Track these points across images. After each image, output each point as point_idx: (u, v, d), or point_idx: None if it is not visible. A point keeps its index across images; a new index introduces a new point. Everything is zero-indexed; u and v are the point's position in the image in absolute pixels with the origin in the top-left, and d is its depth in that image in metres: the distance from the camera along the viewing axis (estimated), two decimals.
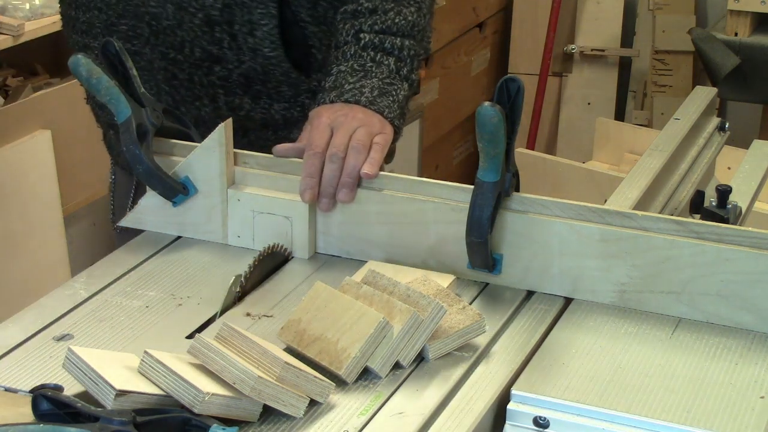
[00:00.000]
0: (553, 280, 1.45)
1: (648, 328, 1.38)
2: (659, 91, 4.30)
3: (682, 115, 2.00)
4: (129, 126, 1.52)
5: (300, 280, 1.49)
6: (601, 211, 1.42)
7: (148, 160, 1.53)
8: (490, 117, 1.33)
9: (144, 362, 1.18)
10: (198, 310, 1.41)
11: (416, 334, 1.27)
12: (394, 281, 1.32)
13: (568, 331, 1.37)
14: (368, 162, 1.51)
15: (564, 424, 1.21)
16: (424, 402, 1.22)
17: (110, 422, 1.09)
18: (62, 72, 3.63)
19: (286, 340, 1.29)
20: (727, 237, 1.37)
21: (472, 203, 1.41)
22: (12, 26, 3.12)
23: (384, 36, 1.63)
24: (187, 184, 1.56)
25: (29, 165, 3.10)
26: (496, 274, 1.47)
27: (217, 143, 1.54)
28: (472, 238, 1.42)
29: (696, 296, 1.39)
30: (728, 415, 1.20)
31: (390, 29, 1.64)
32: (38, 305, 1.41)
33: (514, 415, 1.23)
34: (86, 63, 1.51)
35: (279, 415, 1.18)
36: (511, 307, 1.43)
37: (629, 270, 1.41)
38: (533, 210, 1.44)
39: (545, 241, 1.43)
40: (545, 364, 1.29)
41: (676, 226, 1.39)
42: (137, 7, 1.69)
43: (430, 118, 3.92)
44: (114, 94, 1.52)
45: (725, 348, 1.34)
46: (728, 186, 1.81)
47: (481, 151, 1.38)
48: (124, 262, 1.53)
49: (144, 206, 1.60)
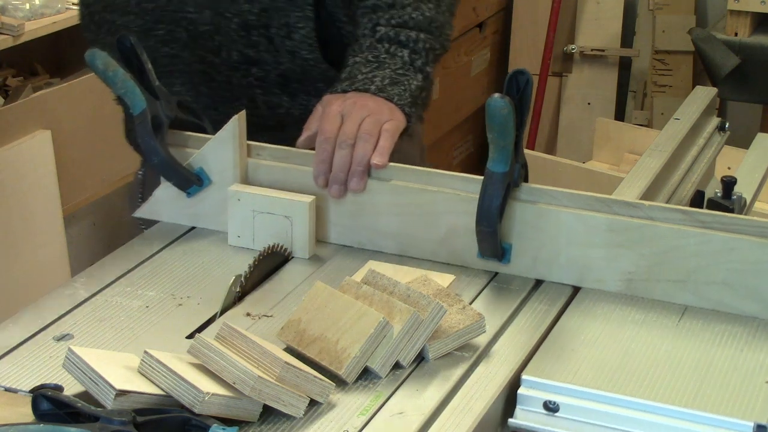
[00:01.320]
0: (562, 269, 1.47)
1: (655, 315, 1.40)
2: (659, 91, 4.30)
3: (682, 115, 2.00)
4: (144, 118, 1.54)
5: (300, 280, 1.49)
6: (609, 201, 1.44)
7: (163, 151, 1.55)
8: (500, 108, 1.35)
9: (144, 362, 1.18)
10: (198, 310, 1.41)
11: (416, 334, 1.27)
12: (394, 281, 1.32)
13: (576, 319, 1.39)
14: (378, 152, 1.52)
15: (573, 408, 1.24)
16: (424, 402, 1.22)
17: (110, 422, 1.09)
18: (62, 72, 3.64)
19: (286, 340, 1.29)
20: (732, 226, 1.40)
21: (481, 193, 1.44)
22: (12, 26, 3.12)
23: (400, 29, 1.64)
24: (201, 176, 1.59)
25: (29, 165, 3.10)
26: (505, 263, 1.49)
27: (231, 135, 1.57)
28: (481, 227, 1.45)
29: (702, 284, 1.41)
30: (734, 400, 1.22)
31: (407, 23, 1.65)
32: (38, 305, 1.41)
33: (525, 400, 1.25)
34: (102, 56, 1.53)
35: (279, 415, 1.18)
36: (520, 295, 1.46)
37: (636, 259, 1.43)
38: (542, 200, 1.47)
39: (554, 230, 1.46)
40: (555, 350, 1.31)
41: (682, 215, 1.42)
42: (174, 13, 1.70)
43: (430, 119, 3.90)
44: (129, 87, 1.54)
45: (731, 335, 1.36)
46: (733, 177, 1.82)
47: (491, 142, 1.40)
48: (124, 262, 1.53)
49: (158, 197, 1.63)
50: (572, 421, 1.24)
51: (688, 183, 1.87)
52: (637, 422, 1.21)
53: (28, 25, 3.18)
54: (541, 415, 1.25)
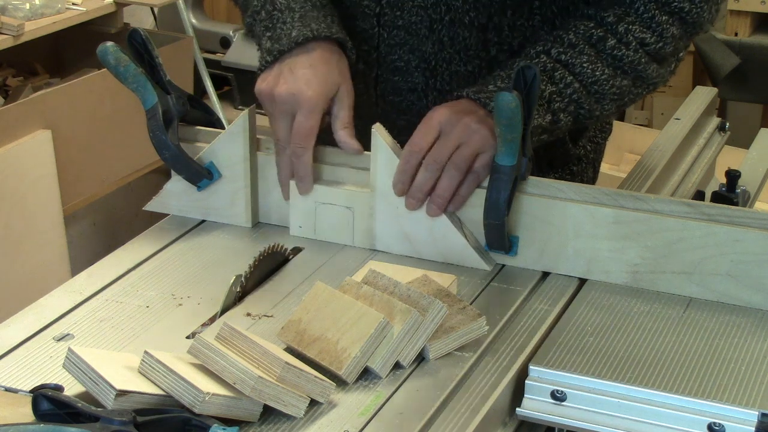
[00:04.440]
0: (568, 261, 1.49)
1: (660, 307, 1.42)
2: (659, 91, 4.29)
3: (683, 115, 2.01)
4: (155, 113, 1.56)
5: (300, 280, 1.49)
6: (615, 194, 1.46)
7: (174, 145, 1.56)
8: (507, 102, 1.37)
9: (144, 362, 1.18)
10: (198, 310, 1.41)
11: (416, 334, 1.27)
12: (395, 281, 1.32)
13: (583, 310, 1.41)
14: (455, 201, 1.50)
15: (580, 398, 1.25)
16: (424, 402, 1.22)
17: (110, 422, 1.09)
18: (62, 72, 3.64)
19: (287, 340, 1.29)
20: (737, 219, 1.41)
21: (489, 186, 1.45)
22: (12, 26, 3.12)
23: (560, 66, 1.54)
24: (212, 170, 1.60)
25: (29, 165, 3.10)
26: (512, 256, 1.51)
27: (241, 129, 1.58)
28: (489, 220, 1.47)
29: (707, 276, 1.43)
30: (739, 389, 1.24)
31: (571, 66, 1.54)
32: (38, 305, 1.41)
33: (532, 389, 1.27)
34: (114, 51, 1.54)
35: (279, 415, 1.18)
36: (528, 287, 1.47)
37: (642, 251, 1.45)
38: (549, 193, 1.48)
39: (560, 223, 1.47)
40: (561, 340, 1.33)
41: (688, 208, 1.43)
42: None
43: None
44: (141, 81, 1.55)
45: (735, 326, 1.38)
46: (737, 171, 1.82)
47: (499, 136, 1.41)
48: (124, 262, 1.53)
49: (169, 191, 1.64)
50: (579, 410, 1.25)
51: (688, 183, 1.88)
52: (643, 411, 1.23)
53: (28, 25, 3.18)
54: (548, 404, 1.26)
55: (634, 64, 1.56)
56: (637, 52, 1.56)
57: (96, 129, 3.28)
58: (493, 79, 1.56)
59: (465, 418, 1.20)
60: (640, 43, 1.56)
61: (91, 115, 3.25)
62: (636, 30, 1.55)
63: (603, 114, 1.59)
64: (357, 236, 1.57)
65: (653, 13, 1.55)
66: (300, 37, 1.57)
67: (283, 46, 1.57)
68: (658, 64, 1.59)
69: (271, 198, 1.62)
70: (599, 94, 1.56)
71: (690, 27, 1.58)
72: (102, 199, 3.50)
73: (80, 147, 3.28)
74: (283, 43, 1.57)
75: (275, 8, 1.63)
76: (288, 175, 1.57)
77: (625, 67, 1.56)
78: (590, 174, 1.88)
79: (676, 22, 1.57)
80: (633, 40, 1.55)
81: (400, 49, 1.69)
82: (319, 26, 1.59)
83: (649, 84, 1.61)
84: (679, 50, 1.61)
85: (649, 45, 1.56)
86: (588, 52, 1.55)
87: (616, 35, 1.55)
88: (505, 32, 1.65)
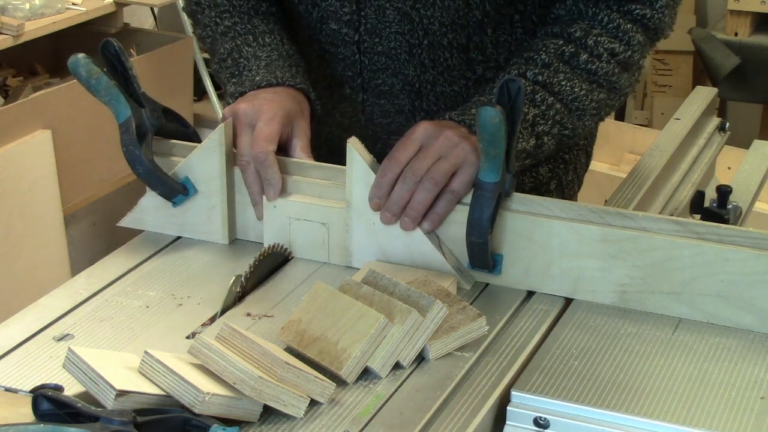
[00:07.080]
0: (554, 280, 1.44)
1: (648, 328, 1.38)
2: (659, 91, 4.30)
3: (683, 115, 2.00)
4: (129, 126, 1.51)
5: (300, 280, 1.49)
6: (602, 211, 1.42)
7: (148, 160, 1.52)
8: (490, 118, 1.33)
9: (144, 362, 1.18)
10: (198, 310, 1.41)
11: (416, 334, 1.27)
12: (395, 281, 1.32)
13: (568, 332, 1.36)
14: (429, 217, 1.45)
15: (564, 425, 1.21)
16: (424, 402, 1.22)
17: (110, 422, 1.09)
18: (62, 72, 3.64)
19: (287, 340, 1.29)
20: (727, 237, 1.37)
21: (472, 204, 1.41)
22: (12, 26, 3.12)
23: (539, 88, 1.53)
24: (187, 185, 1.56)
25: (29, 165, 3.11)
26: (496, 275, 1.47)
27: (217, 144, 1.54)
28: (472, 238, 1.42)
29: (696, 296, 1.39)
30: (728, 416, 1.20)
31: (550, 86, 1.53)
32: (38, 305, 1.41)
33: (515, 416, 1.22)
34: (86, 63, 1.51)
35: (279, 415, 1.18)
36: (512, 307, 1.43)
37: (630, 270, 1.40)
38: (534, 210, 1.44)
39: (546, 241, 1.43)
40: (545, 364, 1.29)
41: (677, 226, 1.39)
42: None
43: None
44: (113, 94, 1.51)
45: (725, 348, 1.34)
46: (729, 186, 1.81)
47: (482, 151, 1.38)
48: (124, 262, 1.53)
49: (144, 206, 1.60)
50: None
51: (688, 183, 1.87)
52: None
53: (28, 25, 3.18)
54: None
55: (608, 75, 1.56)
56: (609, 63, 1.56)
57: (96, 129, 3.28)
58: (474, 105, 1.54)
59: (465, 418, 1.20)
60: (611, 54, 1.56)
61: (91, 115, 3.24)
62: (604, 41, 1.56)
63: (584, 131, 1.60)
64: (333, 253, 1.52)
65: (618, 22, 1.56)
66: (263, 82, 1.59)
67: (245, 89, 1.59)
68: (627, 74, 1.60)
69: (249, 214, 1.57)
70: (580, 111, 1.55)
71: (652, 33, 1.60)
72: (102, 199, 3.50)
73: (80, 147, 3.28)
74: (245, 86, 1.60)
75: (241, 56, 1.65)
76: (258, 192, 1.53)
77: (600, 79, 1.56)
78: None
79: (640, 29, 1.58)
80: (603, 51, 1.56)
81: (383, 73, 1.69)
82: (284, 74, 1.60)
83: (621, 95, 1.62)
84: (643, 57, 1.63)
85: (618, 54, 1.56)
86: (563, 69, 1.54)
87: (586, 49, 1.55)
88: (489, 50, 1.65)
